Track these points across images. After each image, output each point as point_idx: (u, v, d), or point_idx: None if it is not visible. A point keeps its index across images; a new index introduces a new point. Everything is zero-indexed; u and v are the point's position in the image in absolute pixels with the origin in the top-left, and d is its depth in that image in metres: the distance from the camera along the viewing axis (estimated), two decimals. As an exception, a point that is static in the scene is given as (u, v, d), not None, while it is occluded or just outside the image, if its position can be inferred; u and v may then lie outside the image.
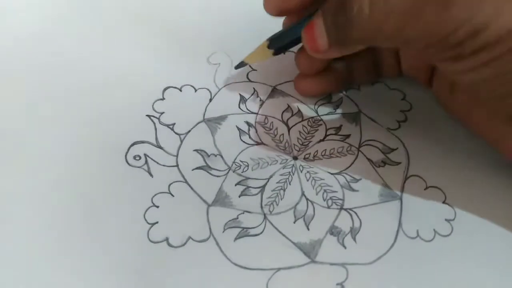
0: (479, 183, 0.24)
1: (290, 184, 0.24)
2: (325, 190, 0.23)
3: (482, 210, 0.23)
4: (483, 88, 0.19)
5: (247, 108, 0.26)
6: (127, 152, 0.24)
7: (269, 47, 0.25)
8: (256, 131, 0.26)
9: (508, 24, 0.16)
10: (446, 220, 0.23)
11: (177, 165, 0.24)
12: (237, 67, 0.27)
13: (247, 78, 0.28)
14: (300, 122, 0.26)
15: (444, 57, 0.19)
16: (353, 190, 0.24)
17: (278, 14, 0.24)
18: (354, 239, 0.22)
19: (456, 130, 0.26)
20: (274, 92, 0.27)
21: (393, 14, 0.18)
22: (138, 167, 0.24)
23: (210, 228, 0.22)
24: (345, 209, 0.23)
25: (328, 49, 0.22)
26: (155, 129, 0.25)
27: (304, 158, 0.25)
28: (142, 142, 0.24)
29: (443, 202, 0.23)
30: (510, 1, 0.16)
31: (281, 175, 0.24)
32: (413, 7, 0.17)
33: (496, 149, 0.24)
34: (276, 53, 0.25)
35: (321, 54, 0.22)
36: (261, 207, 0.23)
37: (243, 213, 0.22)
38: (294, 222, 0.22)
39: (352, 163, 0.25)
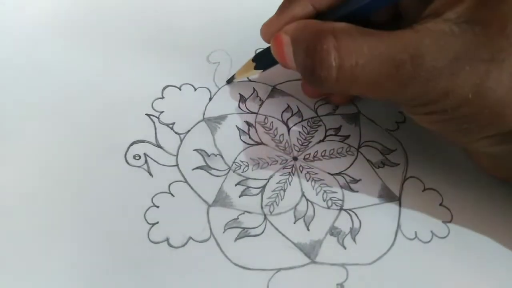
0: (476, 186, 0.24)
1: (290, 184, 0.24)
2: (325, 191, 0.24)
3: (478, 213, 0.23)
4: (445, 135, 0.21)
5: (247, 108, 0.26)
6: (126, 152, 0.24)
7: (255, 67, 0.25)
8: (256, 131, 0.26)
9: (463, 94, 0.18)
10: (443, 222, 0.23)
11: (177, 165, 0.24)
12: (228, 81, 0.27)
13: (247, 77, 0.28)
14: (299, 122, 0.26)
15: (407, 110, 0.21)
16: (352, 190, 0.24)
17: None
18: (354, 240, 0.22)
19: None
20: (274, 92, 0.27)
21: (356, 84, 0.19)
22: (138, 166, 0.23)
23: (210, 229, 0.22)
24: (345, 210, 0.23)
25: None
26: (155, 128, 0.25)
27: (304, 159, 0.25)
28: (142, 141, 0.24)
29: (440, 204, 0.24)
30: (462, 71, 0.17)
31: (281, 175, 0.24)
32: (374, 81, 0.18)
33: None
34: (259, 68, 0.25)
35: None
36: (261, 207, 0.23)
37: (244, 213, 0.22)
38: (294, 223, 0.22)
39: (352, 163, 0.25)
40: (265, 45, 0.24)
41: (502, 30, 0.17)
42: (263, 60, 0.25)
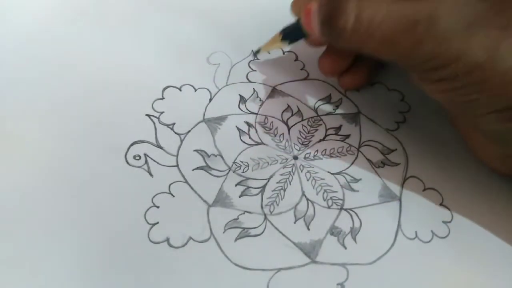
0: (476, 186, 0.24)
1: (290, 184, 0.24)
2: (325, 190, 0.24)
3: (479, 213, 0.23)
4: (454, 107, 0.21)
5: (247, 108, 0.26)
6: (127, 152, 0.24)
7: (282, 39, 0.26)
8: (256, 131, 0.26)
9: (476, 58, 0.18)
10: (443, 222, 0.23)
11: (177, 165, 0.24)
12: (254, 54, 0.28)
13: (247, 78, 0.28)
14: (300, 122, 0.26)
15: (418, 77, 0.21)
16: (353, 190, 0.24)
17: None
18: (354, 239, 0.22)
19: (454, 132, 0.26)
20: (274, 92, 0.27)
21: (372, 39, 0.19)
22: (138, 167, 0.24)
23: (210, 229, 0.22)
24: (345, 209, 0.23)
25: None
26: (155, 128, 0.25)
27: (304, 158, 0.25)
28: (142, 141, 0.24)
29: (440, 204, 0.24)
30: (475, 36, 0.18)
31: (281, 175, 0.24)
32: (390, 37, 0.19)
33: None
34: (290, 42, 0.26)
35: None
36: (262, 207, 0.23)
37: (244, 213, 0.22)
38: (295, 222, 0.22)
39: (352, 163, 0.25)
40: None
41: None
42: (291, 32, 0.25)
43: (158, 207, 0.22)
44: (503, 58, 0.18)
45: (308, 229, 0.22)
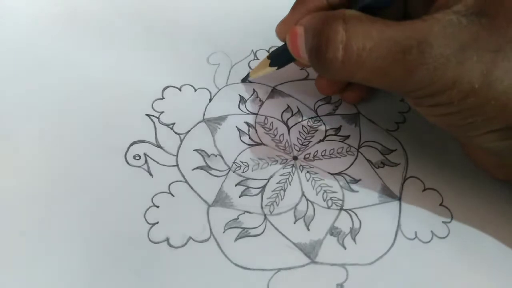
0: (476, 186, 0.24)
1: (290, 184, 0.24)
2: (325, 191, 0.24)
3: (478, 213, 0.23)
4: (451, 129, 0.21)
5: (246, 109, 0.26)
6: (126, 152, 0.24)
7: (270, 64, 0.25)
8: (256, 132, 0.26)
9: (470, 84, 0.18)
10: (443, 222, 0.23)
11: (177, 165, 0.24)
12: (243, 80, 0.27)
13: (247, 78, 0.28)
14: (299, 122, 0.26)
15: (413, 102, 0.21)
16: (352, 190, 0.24)
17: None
18: (354, 240, 0.22)
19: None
20: (274, 92, 0.27)
21: (362, 69, 0.19)
22: (138, 166, 0.24)
23: (210, 229, 0.22)
24: (345, 210, 0.23)
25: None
26: (155, 128, 0.25)
27: (304, 158, 0.25)
28: (142, 141, 0.24)
29: (440, 205, 0.24)
30: (469, 60, 0.18)
31: (281, 175, 0.24)
32: (381, 66, 0.18)
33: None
34: (273, 65, 0.25)
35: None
36: (262, 207, 0.23)
37: (244, 213, 0.22)
38: (294, 223, 0.22)
39: (352, 163, 0.25)
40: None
41: (508, 22, 0.17)
42: (278, 57, 0.25)
43: (158, 207, 0.22)
44: (496, 82, 0.18)
45: (308, 229, 0.22)
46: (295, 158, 0.25)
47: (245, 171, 0.24)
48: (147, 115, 0.25)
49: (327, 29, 0.19)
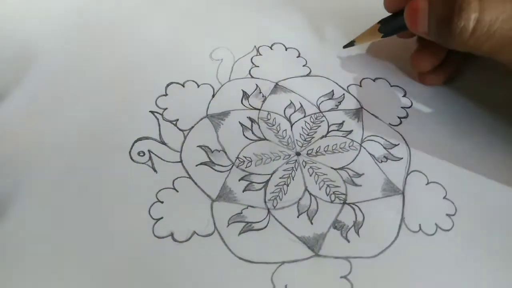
0: (479, 179, 0.24)
1: (293, 179, 0.24)
2: (328, 185, 0.24)
3: (482, 206, 0.23)
4: None
5: (249, 104, 0.27)
6: (131, 149, 0.24)
7: (379, 29, 0.26)
8: (259, 127, 0.26)
9: None
10: (447, 215, 0.23)
11: (181, 161, 0.24)
12: (345, 46, 0.28)
13: (250, 74, 0.28)
14: (302, 118, 0.26)
15: None
16: (356, 185, 0.24)
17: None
18: (358, 233, 0.22)
19: (457, 127, 0.26)
20: (277, 88, 0.28)
21: (492, 38, 0.19)
22: (143, 163, 0.24)
23: (214, 223, 0.22)
24: (348, 204, 0.23)
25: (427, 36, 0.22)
26: (159, 125, 0.25)
27: (307, 154, 0.25)
28: (146, 138, 0.25)
29: (444, 198, 0.24)
30: None
31: (284, 170, 0.24)
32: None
33: None
34: (385, 35, 0.26)
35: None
36: (265, 202, 0.23)
37: (247, 208, 0.23)
38: (298, 217, 0.22)
39: (355, 158, 0.25)
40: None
41: None
42: (389, 25, 0.26)
43: (162, 202, 0.22)
44: None
45: (311, 223, 0.22)
46: (298, 154, 0.25)
47: (249, 166, 0.24)
48: (151, 111, 0.26)
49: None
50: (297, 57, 0.29)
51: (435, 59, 0.26)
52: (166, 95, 0.26)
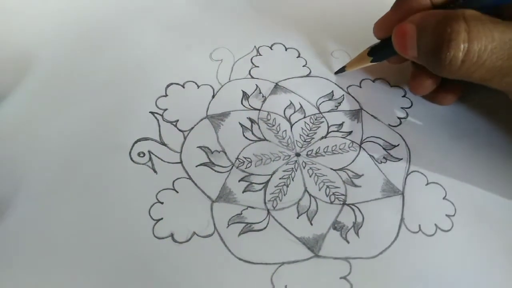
0: (479, 180, 0.24)
1: (293, 180, 0.24)
2: (327, 186, 0.24)
3: (482, 206, 0.23)
4: None
5: (249, 105, 0.27)
6: (131, 149, 0.24)
7: (369, 54, 0.26)
8: (259, 127, 0.26)
9: None
10: (446, 215, 0.23)
11: (181, 162, 0.24)
12: (337, 72, 0.28)
13: (250, 74, 0.28)
14: (302, 118, 0.26)
15: None
16: (355, 185, 0.24)
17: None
18: (357, 234, 0.22)
19: (456, 128, 0.26)
20: (277, 88, 0.28)
21: (482, 68, 0.19)
22: (143, 164, 0.24)
23: (214, 224, 0.22)
24: (348, 204, 0.23)
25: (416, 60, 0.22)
26: (159, 126, 0.25)
27: (307, 155, 0.25)
28: (146, 139, 0.25)
29: (444, 198, 0.24)
30: None
31: (284, 171, 0.24)
32: (501, 68, 0.19)
33: None
34: (374, 60, 0.26)
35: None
36: (265, 202, 0.23)
37: (247, 208, 0.23)
38: (298, 217, 0.23)
39: (354, 159, 0.25)
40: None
41: None
42: (378, 51, 0.25)
43: (162, 203, 0.22)
44: None
45: (311, 224, 0.22)
46: (297, 154, 0.25)
47: (248, 167, 0.24)
48: (151, 112, 0.26)
49: (447, 29, 0.19)
50: (297, 57, 0.29)
51: (433, 80, 0.25)
52: (166, 96, 0.26)
